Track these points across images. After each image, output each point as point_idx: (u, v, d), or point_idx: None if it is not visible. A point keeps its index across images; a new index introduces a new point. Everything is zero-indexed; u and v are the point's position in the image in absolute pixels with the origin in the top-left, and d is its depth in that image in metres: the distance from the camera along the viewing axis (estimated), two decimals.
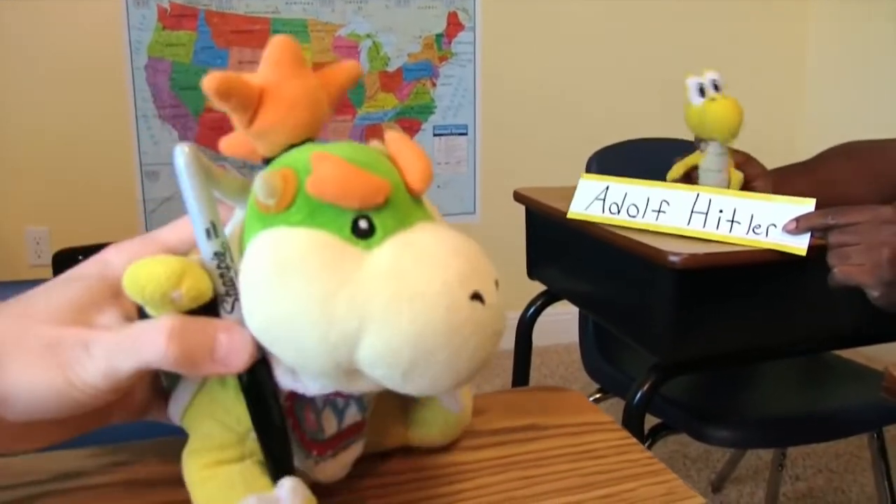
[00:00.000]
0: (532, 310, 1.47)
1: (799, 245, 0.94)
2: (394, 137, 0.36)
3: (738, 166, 1.12)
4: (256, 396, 0.36)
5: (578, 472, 0.45)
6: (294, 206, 0.33)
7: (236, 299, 0.34)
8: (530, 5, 2.64)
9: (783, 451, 1.79)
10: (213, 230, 0.34)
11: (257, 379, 0.35)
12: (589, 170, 1.56)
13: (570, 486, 0.43)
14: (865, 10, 2.72)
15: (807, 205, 0.95)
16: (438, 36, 2.57)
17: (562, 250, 1.31)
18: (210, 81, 0.33)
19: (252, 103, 0.35)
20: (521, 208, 1.38)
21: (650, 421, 1.22)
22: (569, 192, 1.15)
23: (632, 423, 1.11)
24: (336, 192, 0.32)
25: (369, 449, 0.43)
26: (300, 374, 0.35)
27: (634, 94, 2.79)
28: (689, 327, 1.04)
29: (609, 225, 1.06)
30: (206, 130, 2.42)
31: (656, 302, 1.04)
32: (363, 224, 0.33)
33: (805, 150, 2.76)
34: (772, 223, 0.96)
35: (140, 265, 0.33)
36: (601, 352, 1.52)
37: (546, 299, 1.46)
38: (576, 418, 0.52)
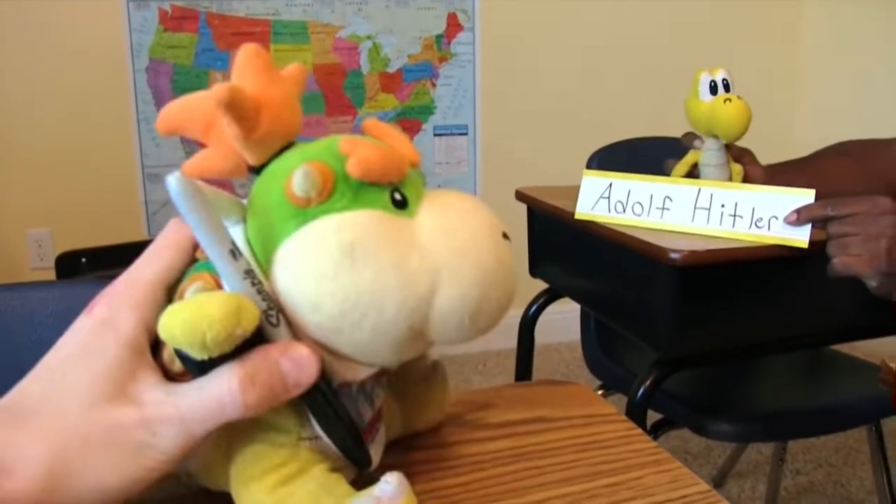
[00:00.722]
0: (534, 308, 1.48)
1: (801, 237, 0.95)
2: (374, 123, 0.39)
3: (736, 160, 1.13)
4: (324, 398, 0.36)
5: (585, 462, 0.46)
6: (335, 194, 0.34)
7: (280, 310, 0.34)
8: (529, 6, 2.65)
9: (783, 445, 1.81)
10: (236, 250, 0.33)
11: (320, 384, 0.35)
12: (589, 169, 1.57)
13: (578, 476, 0.45)
14: (860, 7, 2.73)
15: (807, 196, 0.96)
16: (438, 37, 2.58)
17: (563, 248, 1.32)
18: (221, 93, 0.33)
19: (253, 113, 0.35)
20: (522, 207, 1.38)
21: (651, 416, 1.23)
22: (570, 192, 1.15)
23: (634, 418, 1.10)
24: (380, 170, 0.35)
25: None
26: (352, 362, 0.36)
27: (634, 94, 2.80)
28: (691, 323, 1.05)
29: (616, 225, 1.07)
30: None
31: (658, 298, 1.05)
32: (398, 196, 0.36)
33: (799, 148, 2.76)
34: (773, 215, 0.97)
35: (185, 311, 0.31)
36: (603, 348, 1.53)
37: (548, 297, 1.47)
38: (582, 410, 0.53)
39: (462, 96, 2.64)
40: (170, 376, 0.35)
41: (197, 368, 0.33)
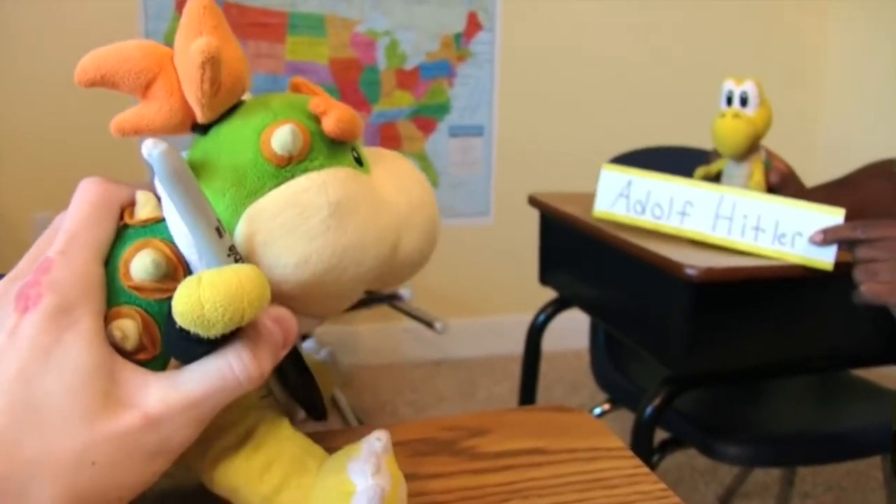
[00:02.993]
0: (543, 316, 1.45)
1: (825, 259, 0.91)
2: (302, 81, 0.39)
3: (773, 175, 1.10)
4: (290, 355, 0.36)
5: None
6: (312, 152, 0.35)
7: None
8: (550, 8, 2.61)
9: (792, 467, 1.76)
10: (221, 227, 0.32)
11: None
12: None
13: None
14: (886, 20, 2.68)
15: (836, 215, 0.91)
16: (457, 35, 2.54)
17: (575, 257, 1.29)
18: (209, 49, 0.31)
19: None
20: (536, 212, 1.35)
21: (659, 435, 1.19)
22: (585, 198, 1.12)
23: (641, 436, 1.09)
24: (354, 129, 0.36)
25: None
26: (305, 315, 0.36)
27: (654, 101, 2.76)
28: (705, 341, 1.02)
29: (634, 227, 1.03)
30: None
31: (672, 313, 1.01)
32: (355, 154, 0.37)
33: (823, 153, 2.71)
34: (798, 232, 0.93)
35: (215, 289, 0.29)
36: (612, 361, 1.49)
37: (557, 306, 1.44)
38: (585, 442, 0.49)
39: (479, 96, 2.60)
40: (122, 356, 0.32)
41: (201, 350, 0.31)
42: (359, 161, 0.37)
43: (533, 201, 1.32)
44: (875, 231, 0.89)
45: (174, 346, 0.31)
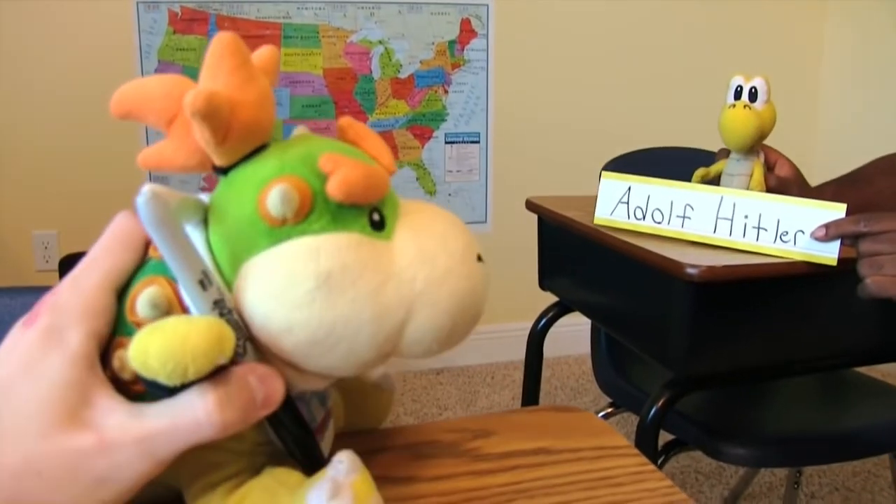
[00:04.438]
0: (543, 322, 1.44)
1: (828, 254, 0.90)
2: (350, 123, 0.36)
3: (767, 158, 1.09)
4: (283, 410, 0.34)
5: (593, 502, 0.41)
6: (313, 214, 0.32)
7: (247, 339, 0.33)
8: (544, 13, 2.61)
9: (798, 468, 1.75)
10: (206, 279, 0.31)
11: (286, 401, 0.34)
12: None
13: None
14: (883, 15, 2.68)
15: (837, 210, 0.90)
16: (451, 43, 2.54)
17: (574, 261, 1.28)
18: (196, 104, 0.30)
19: (227, 119, 0.32)
20: (534, 218, 1.35)
21: (662, 436, 1.18)
22: (582, 202, 1.12)
23: (645, 439, 1.08)
24: (362, 192, 0.33)
25: None
26: (313, 375, 0.34)
27: (650, 104, 2.76)
28: (707, 341, 1.01)
29: (635, 232, 1.03)
30: None
31: (673, 315, 1.00)
32: (376, 217, 0.34)
33: (820, 155, 2.71)
34: (799, 229, 0.92)
35: (160, 341, 0.29)
36: (614, 365, 1.48)
37: (557, 311, 1.43)
38: (589, 441, 0.48)
39: (475, 103, 2.60)
40: (118, 385, 0.32)
41: (166, 392, 0.30)
42: (380, 224, 0.34)
43: (530, 205, 1.31)
44: (879, 224, 0.88)
45: (145, 384, 0.31)
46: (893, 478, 1.48)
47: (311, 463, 0.37)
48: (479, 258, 0.36)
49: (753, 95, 1.05)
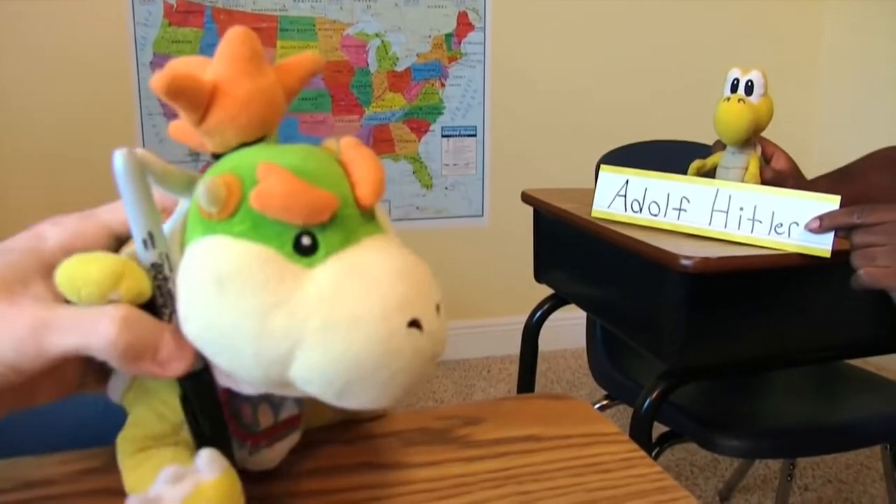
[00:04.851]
0: (538, 314, 1.44)
1: (822, 246, 0.91)
2: (350, 144, 0.36)
3: (763, 151, 1.09)
4: (198, 401, 0.35)
5: (582, 488, 0.42)
6: (237, 215, 0.32)
7: (173, 311, 0.34)
8: (541, 6, 2.61)
9: (792, 461, 1.76)
10: (150, 241, 0.33)
11: (199, 386, 0.35)
12: (598, 172, 1.52)
13: (573, 503, 0.40)
14: (880, 11, 2.68)
15: (831, 202, 0.91)
16: (448, 36, 2.54)
17: (570, 253, 1.28)
18: (159, 81, 0.32)
19: (202, 102, 0.34)
20: (530, 211, 1.35)
21: (657, 429, 1.18)
22: (577, 194, 1.12)
23: (640, 431, 1.08)
24: (280, 208, 0.31)
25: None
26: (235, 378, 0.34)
27: (646, 96, 2.76)
28: (701, 333, 1.01)
29: (632, 225, 1.03)
30: None
31: (667, 306, 1.01)
32: (306, 241, 0.32)
33: (816, 149, 2.71)
34: (794, 221, 0.92)
35: (74, 264, 0.32)
36: (609, 358, 1.48)
37: (553, 304, 1.43)
38: (580, 429, 0.48)
39: (471, 97, 2.60)
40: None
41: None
42: (309, 249, 0.32)
43: (526, 198, 1.31)
44: (872, 216, 0.89)
45: None
46: (885, 470, 1.48)
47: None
48: (418, 326, 0.32)
49: (750, 89, 1.05)
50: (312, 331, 0.31)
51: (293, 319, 0.31)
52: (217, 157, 0.36)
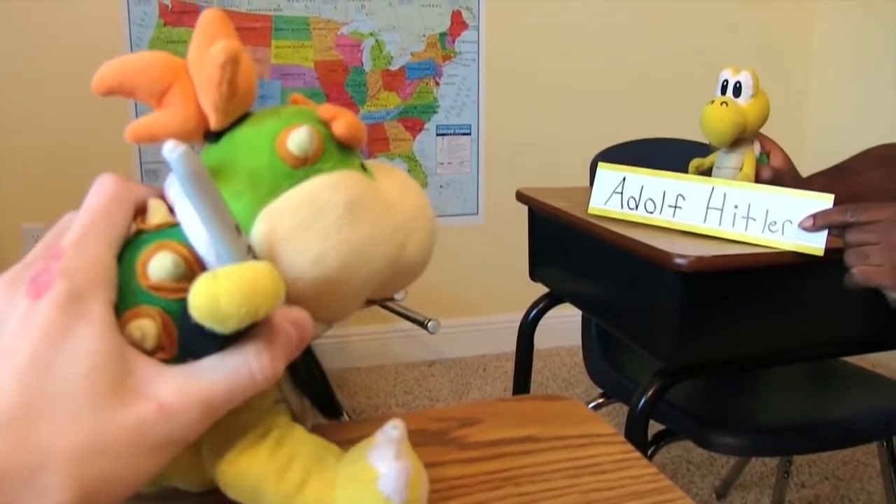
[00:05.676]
0: (534, 312, 1.44)
1: (816, 245, 0.91)
2: (301, 98, 0.40)
3: (761, 147, 1.10)
4: (304, 357, 0.37)
5: (578, 489, 0.42)
6: (324, 155, 0.36)
7: None
8: (534, 4, 2.61)
9: (789, 458, 1.76)
10: (239, 227, 0.32)
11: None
12: (593, 171, 1.53)
13: None
14: (873, 8, 2.69)
15: (825, 200, 0.91)
16: (442, 35, 2.54)
17: (564, 251, 1.28)
18: (231, 51, 0.33)
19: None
20: (525, 210, 1.35)
21: (653, 427, 1.18)
22: (572, 193, 1.12)
23: (635, 429, 1.09)
24: (361, 134, 0.37)
25: None
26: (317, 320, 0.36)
27: (639, 95, 2.76)
28: (696, 331, 1.01)
29: (627, 222, 1.03)
30: None
31: (662, 305, 1.01)
32: (361, 161, 0.38)
33: (809, 148, 2.72)
34: (788, 219, 0.93)
35: (230, 283, 0.29)
36: (605, 356, 1.48)
37: (548, 302, 1.43)
38: (576, 430, 0.48)
39: (465, 95, 2.60)
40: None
41: (214, 345, 0.31)
42: (364, 168, 0.38)
43: (521, 197, 1.31)
44: (865, 214, 0.89)
45: (189, 342, 0.31)
46: (882, 466, 1.48)
47: (331, 414, 0.39)
48: None
49: (738, 90, 1.05)
50: (410, 218, 0.38)
51: (400, 215, 0.38)
52: (216, 137, 0.36)
